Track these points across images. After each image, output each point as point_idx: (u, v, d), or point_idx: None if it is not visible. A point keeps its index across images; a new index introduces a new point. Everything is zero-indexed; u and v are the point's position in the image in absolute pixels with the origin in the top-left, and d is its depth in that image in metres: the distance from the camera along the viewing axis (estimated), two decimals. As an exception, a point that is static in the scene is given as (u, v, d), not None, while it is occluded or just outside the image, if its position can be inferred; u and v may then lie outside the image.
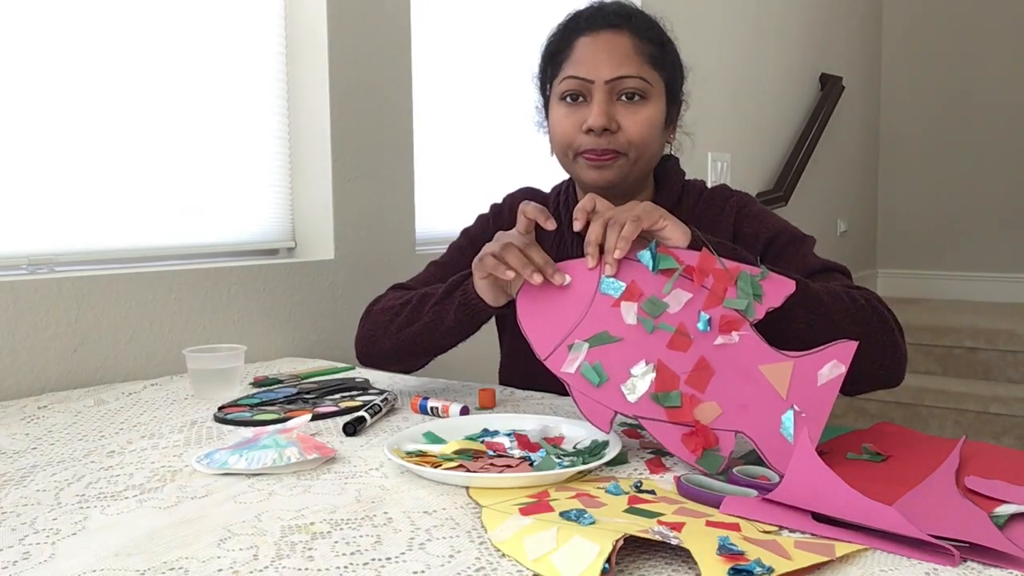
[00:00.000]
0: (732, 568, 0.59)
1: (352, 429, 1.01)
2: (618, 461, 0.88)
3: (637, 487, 0.78)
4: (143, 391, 1.31)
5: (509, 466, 0.83)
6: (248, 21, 1.70)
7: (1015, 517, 0.71)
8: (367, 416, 1.05)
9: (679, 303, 0.89)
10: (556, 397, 1.21)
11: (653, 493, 0.77)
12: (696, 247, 0.92)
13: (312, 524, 0.72)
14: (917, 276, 4.62)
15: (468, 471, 0.82)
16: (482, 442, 0.92)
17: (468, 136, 2.18)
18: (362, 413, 1.05)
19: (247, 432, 0.99)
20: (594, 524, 0.67)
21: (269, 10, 1.74)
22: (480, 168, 2.20)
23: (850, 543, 0.65)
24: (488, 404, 1.15)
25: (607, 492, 0.77)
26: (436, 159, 2.07)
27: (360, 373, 1.43)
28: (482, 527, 0.70)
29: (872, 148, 4.66)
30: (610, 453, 0.85)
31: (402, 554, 0.65)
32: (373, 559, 0.64)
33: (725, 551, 0.61)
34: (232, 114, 1.67)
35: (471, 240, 1.32)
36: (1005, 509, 0.72)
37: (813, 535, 0.68)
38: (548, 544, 0.64)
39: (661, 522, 0.68)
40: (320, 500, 0.78)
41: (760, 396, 0.86)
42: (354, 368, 1.48)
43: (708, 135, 3.03)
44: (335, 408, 1.14)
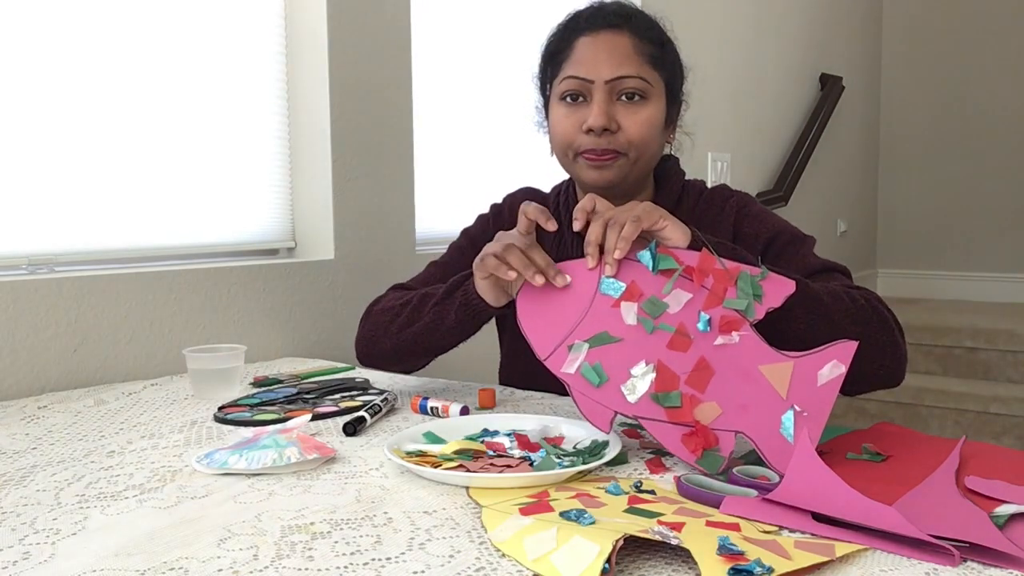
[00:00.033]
0: (732, 568, 0.59)
1: (352, 429, 1.01)
2: (618, 461, 0.88)
3: (637, 487, 0.78)
4: (143, 391, 1.31)
5: (509, 466, 0.83)
6: (248, 21, 1.70)
7: (1015, 517, 0.71)
8: (367, 416, 1.05)
9: (679, 303, 0.89)
10: (556, 397, 1.21)
11: (653, 493, 0.77)
12: (696, 247, 0.92)
13: (312, 524, 0.72)
14: (917, 276, 4.62)
15: (468, 471, 0.82)
16: (482, 442, 0.92)
17: (468, 136, 2.18)
18: (362, 413, 1.05)
19: (247, 432, 0.99)
20: (594, 524, 0.67)
21: (269, 10, 1.74)
22: (480, 168, 2.20)
23: (850, 543, 0.65)
24: (488, 404, 1.15)
25: (607, 492, 0.77)
26: (436, 159, 2.07)
27: (360, 373, 1.43)
28: (482, 527, 0.70)
29: (872, 148, 4.66)
30: (610, 453, 0.85)
31: (402, 554, 0.65)
32: (373, 559, 0.64)
33: (725, 551, 0.61)
34: (232, 114, 1.67)
35: (471, 240, 1.32)
36: (1005, 509, 0.72)
37: (813, 535, 0.68)
38: (548, 544, 0.64)
39: (661, 522, 0.68)
40: (320, 500, 0.78)
41: (760, 396, 0.86)
42: (354, 368, 1.48)
43: (708, 135, 3.03)
44: (335, 408, 1.14)
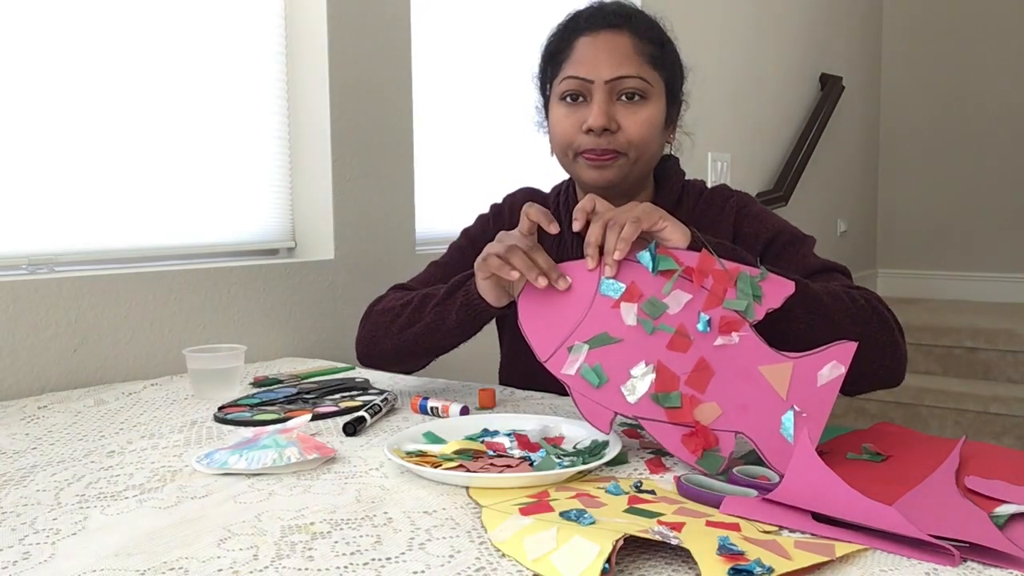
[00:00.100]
0: (732, 568, 0.59)
1: (352, 429, 1.01)
2: (618, 461, 0.88)
3: (637, 487, 0.78)
4: (143, 391, 1.31)
5: (509, 466, 0.83)
6: (248, 21, 1.70)
7: (1015, 517, 0.71)
8: (367, 416, 1.05)
9: (679, 304, 0.89)
10: (556, 397, 1.21)
11: (653, 493, 0.77)
12: (696, 248, 0.92)
13: (312, 524, 0.72)
14: (917, 276, 4.62)
15: (468, 471, 0.82)
16: (482, 442, 0.92)
17: (468, 136, 2.18)
18: (362, 413, 1.05)
19: (247, 432, 0.99)
20: (594, 524, 0.67)
21: (269, 10, 1.74)
22: (480, 168, 2.20)
23: (850, 543, 0.65)
24: (488, 404, 1.15)
25: (607, 492, 0.77)
26: (436, 159, 2.07)
27: (360, 373, 1.43)
28: (482, 527, 0.70)
29: (872, 148, 4.66)
30: (610, 453, 0.85)
31: (402, 554, 0.65)
32: (373, 559, 0.64)
33: (725, 551, 0.61)
34: (232, 114, 1.67)
35: (471, 240, 1.32)
36: (1005, 509, 0.72)
37: (813, 535, 0.68)
38: (548, 544, 0.64)
39: (661, 522, 0.68)
40: (320, 500, 0.78)
41: (760, 397, 0.86)
42: (354, 368, 1.48)
43: (708, 135, 3.03)
44: (335, 408, 1.14)
